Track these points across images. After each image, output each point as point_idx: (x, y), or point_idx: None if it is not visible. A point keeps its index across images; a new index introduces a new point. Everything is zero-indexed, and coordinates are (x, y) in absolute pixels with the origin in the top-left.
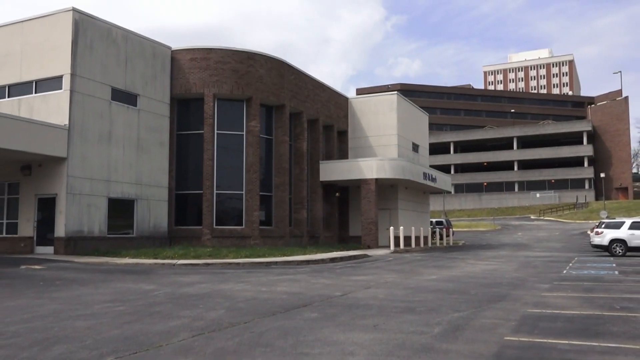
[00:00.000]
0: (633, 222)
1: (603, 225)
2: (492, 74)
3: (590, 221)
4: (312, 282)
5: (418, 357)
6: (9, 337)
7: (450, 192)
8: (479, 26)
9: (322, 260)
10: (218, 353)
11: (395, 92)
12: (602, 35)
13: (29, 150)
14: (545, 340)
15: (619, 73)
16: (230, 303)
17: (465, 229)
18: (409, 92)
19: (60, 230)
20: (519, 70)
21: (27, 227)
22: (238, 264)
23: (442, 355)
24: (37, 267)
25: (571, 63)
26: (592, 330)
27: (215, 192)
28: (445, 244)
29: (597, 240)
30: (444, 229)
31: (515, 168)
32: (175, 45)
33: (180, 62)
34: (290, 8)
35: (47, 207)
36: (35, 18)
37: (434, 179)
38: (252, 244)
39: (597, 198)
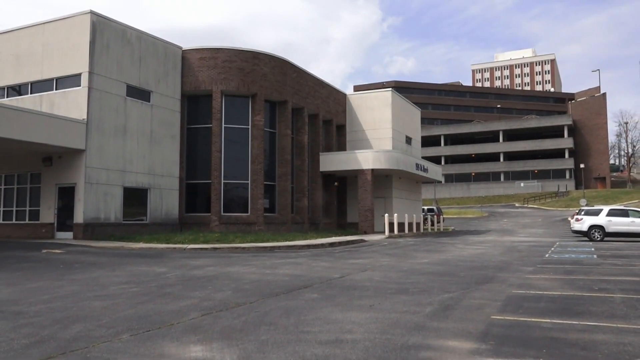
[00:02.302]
0: (610, 210)
1: (583, 213)
2: (479, 72)
3: (570, 209)
4: (313, 265)
5: (411, 334)
6: (32, 316)
7: (441, 182)
8: (468, 27)
9: (322, 245)
10: (225, 331)
11: (390, 88)
12: (584, 35)
13: (50, 143)
14: (529, 319)
15: (598, 71)
16: (236, 285)
17: (454, 216)
18: (402, 88)
19: (79, 217)
20: (504, 69)
21: (48, 214)
22: (244, 248)
23: (433, 333)
24: (57, 251)
25: (553, 62)
26: (572, 310)
27: (222, 181)
28: (436, 230)
29: (577, 226)
30: (435, 216)
31: (501, 159)
32: (185, 45)
33: (190, 61)
34: (293, 10)
35: (66, 196)
36: (56, 20)
37: (425, 170)
38: (257, 230)
39: (577, 187)
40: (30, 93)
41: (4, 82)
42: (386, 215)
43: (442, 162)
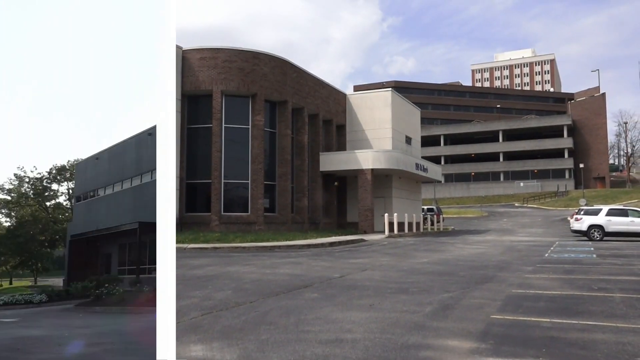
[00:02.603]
0: (610, 209)
1: (582, 212)
2: (479, 72)
3: (570, 208)
4: (313, 264)
5: (411, 334)
6: None
7: (441, 182)
8: (468, 27)
9: (322, 245)
10: (225, 330)
11: (390, 89)
12: (583, 35)
13: None
14: (529, 319)
15: (597, 71)
16: (236, 284)
17: (454, 216)
18: (402, 89)
19: None
20: (504, 69)
21: None
22: (244, 248)
23: (433, 332)
24: None
25: (553, 62)
26: (572, 310)
27: (222, 181)
28: (436, 230)
29: (576, 225)
30: (435, 216)
31: (501, 159)
32: (185, 45)
33: (190, 61)
34: (293, 9)
35: None
36: None
37: (425, 169)
38: (257, 230)
39: (576, 187)
40: None
41: None
42: (386, 215)
43: (442, 162)
